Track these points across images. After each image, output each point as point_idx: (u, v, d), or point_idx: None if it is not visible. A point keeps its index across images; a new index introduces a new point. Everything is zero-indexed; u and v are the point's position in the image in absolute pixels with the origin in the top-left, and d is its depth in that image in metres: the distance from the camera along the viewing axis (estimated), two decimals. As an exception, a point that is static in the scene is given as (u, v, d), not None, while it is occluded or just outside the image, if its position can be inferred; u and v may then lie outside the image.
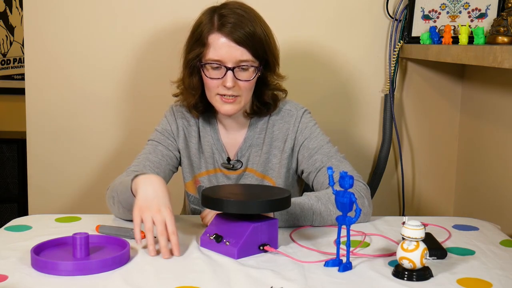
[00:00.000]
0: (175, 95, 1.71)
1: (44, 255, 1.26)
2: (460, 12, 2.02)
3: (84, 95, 2.19)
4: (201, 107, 1.66)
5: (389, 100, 2.17)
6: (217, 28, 1.54)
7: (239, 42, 1.53)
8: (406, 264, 1.17)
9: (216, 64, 1.55)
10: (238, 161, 1.69)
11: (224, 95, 1.57)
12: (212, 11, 1.58)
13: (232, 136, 1.70)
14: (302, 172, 1.67)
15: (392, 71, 2.16)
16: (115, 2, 2.15)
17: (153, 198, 1.34)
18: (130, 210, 1.39)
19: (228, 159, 1.69)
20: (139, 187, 1.38)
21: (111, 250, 1.30)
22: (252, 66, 1.56)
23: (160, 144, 1.68)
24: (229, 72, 1.54)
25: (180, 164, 1.74)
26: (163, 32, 2.15)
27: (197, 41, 1.57)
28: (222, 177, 1.70)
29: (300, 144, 1.66)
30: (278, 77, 1.66)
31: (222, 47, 1.53)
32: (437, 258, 1.28)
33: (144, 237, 1.40)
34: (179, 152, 1.71)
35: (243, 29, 1.53)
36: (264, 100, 1.65)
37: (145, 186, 1.37)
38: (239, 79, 1.56)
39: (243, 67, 1.55)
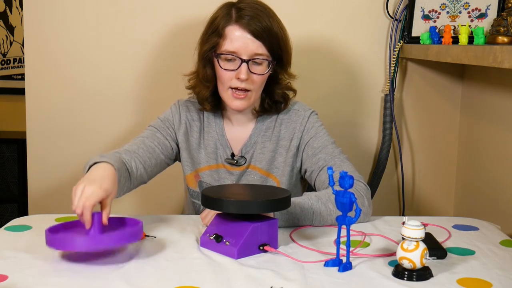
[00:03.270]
0: (189, 88, 1.72)
1: (59, 234, 1.30)
2: (460, 12, 2.02)
3: (84, 95, 2.19)
4: (212, 101, 1.68)
5: (389, 100, 2.17)
6: (235, 20, 1.57)
7: (256, 35, 1.56)
8: (406, 264, 1.17)
9: (231, 55, 1.57)
10: (242, 157, 1.69)
11: (237, 89, 1.59)
12: (230, 6, 1.61)
13: (237, 132, 1.71)
14: (306, 171, 1.68)
15: (392, 71, 2.16)
16: (115, 2, 2.15)
17: (97, 177, 1.36)
18: None
19: (232, 155, 1.70)
20: (92, 168, 1.41)
21: (124, 228, 1.35)
22: (266, 60, 1.58)
23: (159, 131, 1.69)
24: (244, 64, 1.56)
25: (178, 156, 1.75)
26: (163, 32, 2.15)
27: (213, 32, 1.60)
28: (225, 173, 1.70)
29: (305, 143, 1.67)
30: (289, 76, 1.69)
31: (238, 39, 1.56)
32: (437, 258, 1.28)
33: (143, 236, 1.41)
34: (178, 145, 1.72)
35: (261, 23, 1.56)
36: (274, 98, 1.67)
37: (96, 168, 1.41)
38: (253, 73, 1.58)
39: (257, 60, 1.58)
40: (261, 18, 1.56)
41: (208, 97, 1.67)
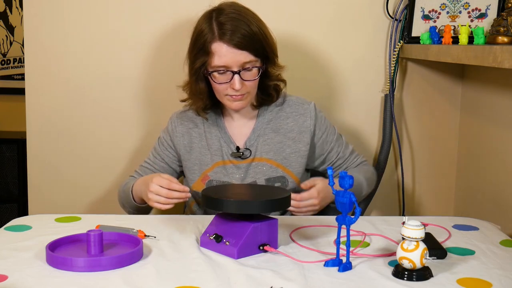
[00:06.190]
0: (183, 101, 1.79)
1: (59, 252, 1.29)
2: (460, 12, 2.02)
3: (84, 95, 2.19)
4: (209, 105, 1.75)
5: (389, 100, 2.17)
6: (218, 37, 1.62)
7: (241, 46, 1.61)
8: (406, 264, 1.17)
9: (223, 69, 1.63)
10: (247, 149, 1.74)
11: (233, 95, 1.66)
12: (210, 18, 1.65)
13: (240, 127, 1.77)
14: (323, 162, 1.83)
15: (392, 71, 2.16)
16: (115, 3, 2.15)
17: (150, 178, 1.56)
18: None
19: (238, 148, 1.75)
20: (142, 189, 1.64)
21: (124, 247, 1.33)
22: (255, 66, 1.65)
23: (163, 160, 1.82)
24: (236, 76, 1.63)
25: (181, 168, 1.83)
26: (164, 33, 2.15)
27: (200, 50, 1.65)
28: (232, 168, 1.74)
29: (320, 137, 1.79)
30: (278, 68, 1.75)
31: (226, 54, 1.61)
32: (437, 258, 1.28)
33: (143, 236, 1.42)
34: (179, 160, 1.81)
35: (241, 33, 1.61)
36: (268, 91, 1.74)
37: (144, 184, 1.62)
38: (245, 80, 1.64)
39: (247, 68, 1.63)
40: (241, 28, 1.61)
41: (204, 106, 1.74)
